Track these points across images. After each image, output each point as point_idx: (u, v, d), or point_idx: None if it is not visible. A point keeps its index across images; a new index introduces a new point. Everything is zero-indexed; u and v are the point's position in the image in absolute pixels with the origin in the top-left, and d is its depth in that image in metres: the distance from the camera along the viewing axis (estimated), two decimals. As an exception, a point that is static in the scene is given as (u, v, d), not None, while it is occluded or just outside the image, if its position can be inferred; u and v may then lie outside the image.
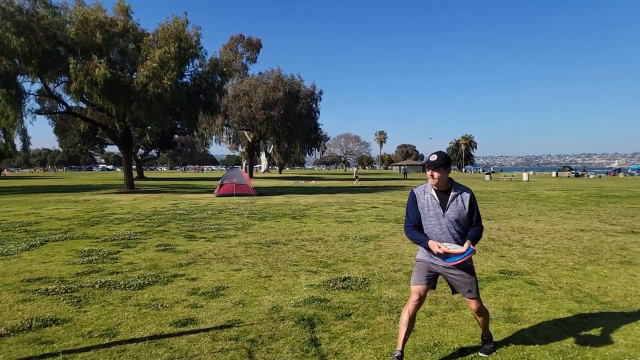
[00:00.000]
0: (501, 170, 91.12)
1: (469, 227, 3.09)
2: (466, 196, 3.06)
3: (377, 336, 3.57)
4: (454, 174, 74.50)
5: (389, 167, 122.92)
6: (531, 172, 63.50)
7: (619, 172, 62.61)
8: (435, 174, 2.98)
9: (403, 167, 64.64)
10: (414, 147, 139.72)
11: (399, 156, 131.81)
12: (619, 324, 3.83)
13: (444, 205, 3.01)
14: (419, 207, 3.09)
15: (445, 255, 2.96)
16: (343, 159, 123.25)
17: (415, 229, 3.10)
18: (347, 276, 5.39)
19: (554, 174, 59.20)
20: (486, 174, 48.63)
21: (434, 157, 2.98)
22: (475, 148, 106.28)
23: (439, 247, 2.89)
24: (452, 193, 3.04)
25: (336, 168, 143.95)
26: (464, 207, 3.03)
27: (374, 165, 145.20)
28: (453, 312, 4.14)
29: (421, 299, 3.09)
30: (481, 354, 3.24)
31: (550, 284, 5.12)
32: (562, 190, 24.00)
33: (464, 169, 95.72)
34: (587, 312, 4.16)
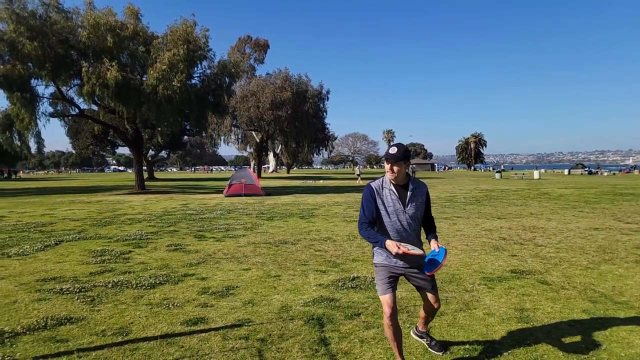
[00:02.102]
0: (512, 169, 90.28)
1: (425, 223, 3.04)
2: (423, 191, 2.98)
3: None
4: (464, 172, 73.94)
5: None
6: (542, 170, 62.79)
7: (634, 169, 61.52)
8: (395, 168, 2.80)
9: (411, 166, 64.42)
10: (422, 145, 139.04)
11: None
12: (634, 324, 3.77)
13: (403, 201, 2.86)
14: (378, 203, 2.87)
15: (403, 256, 2.77)
16: (351, 159, 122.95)
17: (370, 227, 2.84)
18: (356, 276, 5.38)
19: (566, 171, 58.41)
20: (496, 172, 48.19)
21: (394, 150, 2.79)
22: (485, 146, 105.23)
23: (398, 247, 2.64)
24: (410, 187, 2.89)
25: (344, 167, 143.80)
26: (422, 202, 2.95)
27: (381, 164, 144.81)
28: (464, 312, 4.11)
29: (395, 308, 2.89)
30: (435, 352, 3.21)
31: (564, 283, 5.06)
32: (574, 188, 23.69)
33: (473, 167, 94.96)
34: (602, 312, 4.10)
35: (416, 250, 2.76)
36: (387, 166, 2.83)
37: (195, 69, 22.29)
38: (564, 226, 9.57)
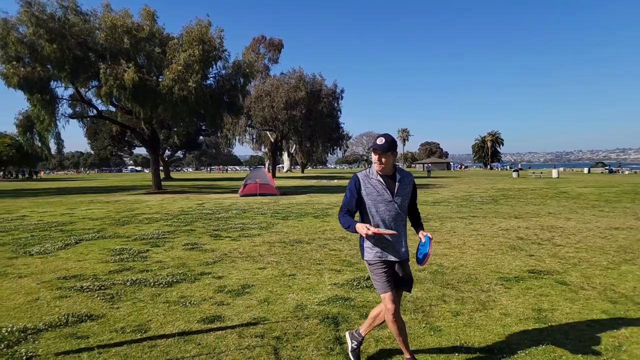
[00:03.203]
0: (529, 167, 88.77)
1: (410, 213, 3.06)
2: (410, 180, 2.97)
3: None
4: (480, 171, 73.06)
5: (412, 165, 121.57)
6: (561, 169, 61.65)
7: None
8: (384, 159, 2.78)
9: (427, 165, 63.95)
10: (438, 144, 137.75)
11: (422, 154, 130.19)
12: (655, 325, 3.69)
13: (392, 191, 2.85)
14: (365, 193, 2.84)
15: (384, 244, 2.85)
16: (365, 158, 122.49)
17: (347, 214, 2.82)
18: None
19: (585, 170, 57.25)
20: (513, 171, 47.48)
21: (382, 141, 2.76)
22: (502, 145, 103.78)
23: (368, 229, 2.57)
24: (397, 177, 2.89)
25: (358, 167, 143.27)
26: (409, 192, 2.96)
27: (396, 163, 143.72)
28: (480, 312, 4.07)
29: (399, 304, 2.87)
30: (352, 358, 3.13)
31: (583, 284, 4.97)
32: (594, 187, 23.20)
33: (489, 166, 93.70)
34: (622, 313, 4.02)
35: (387, 230, 2.73)
36: (374, 157, 2.81)
37: (210, 69, 22.50)
38: (583, 226, 9.39)
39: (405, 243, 2.95)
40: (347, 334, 3.31)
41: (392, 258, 2.88)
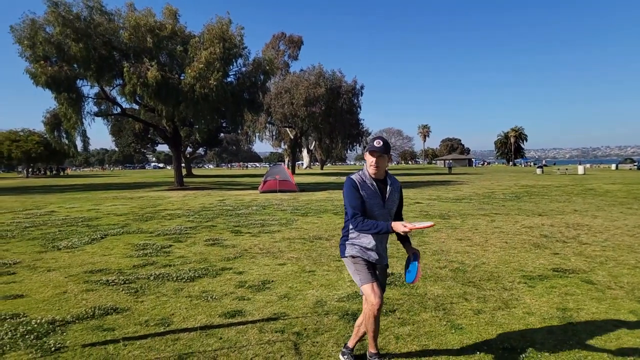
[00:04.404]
0: (554, 163, 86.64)
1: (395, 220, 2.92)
2: (398, 187, 2.90)
3: (422, 333, 3.53)
4: (503, 168, 71.68)
5: (433, 162, 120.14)
6: (587, 165, 59.91)
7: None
8: (380, 161, 2.71)
9: (448, 161, 63.12)
10: (460, 140, 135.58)
11: (443, 150, 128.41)
12: (687, 327, 3.56)
13: (384, 196, 2.79)
14: (364, 196, 2.75)
15: (383, 259, 2.87)
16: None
17: (363, 217, 2.69)
18: (390, 272, 5.34)
19: (613, 166, 55.46)
20: (537, 167, 46.39)
21: (380, 143, 2.68)
22: (526, 140, 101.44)
23: (405, 226, 2.50)
24: (388, 182, 2.82)
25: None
26: (398, 198, 2.89)
27: (417, 160, 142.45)
28: (502, 311, 4.01)
29: (382, 298, 2.77)
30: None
31: (610, 283, 4.83)
32: (622, 183, 22.47)
33: (512, 163, 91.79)
34: (651, 313, 3.89)
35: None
36: (370, 159, 2.72)
37: (231, 66, 22.72)
38: (610, 223, 9.12)
39: (386, 249, 2.93)
40: (340, 355, 3.14)
41: (373, 259, 2.83)
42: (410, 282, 2.91)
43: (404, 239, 2.93)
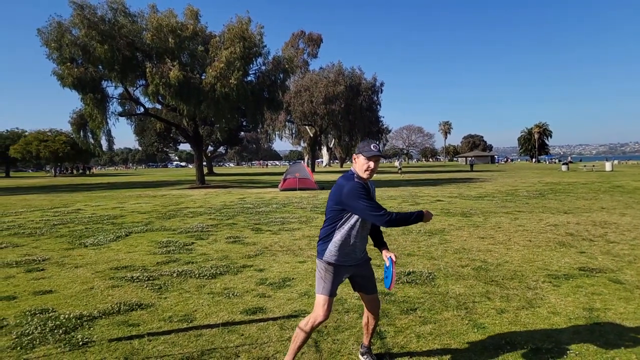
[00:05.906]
0: (580, 160, 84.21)
1: (372, 226, 2.88)
2: (374, 189, 2.84)
3: (444, 332, 3.49)
4: (526, 165, 70.11)
5: (455, 159, 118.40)
6: (615, 162, 58.05)
7: None
8: (377, 165, 2.62)
9: (469, 158, 62.13)
10: (482, 137, 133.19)
11: (465, 147, 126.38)
12: None
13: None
14: None
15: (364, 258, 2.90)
16: (405, 151, 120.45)
17: (389, 211, 2.54)
18: (411, 270, 5.31)
19: (643, 163, 53.61)
20: (563, 164, 45.20)
21: (377, 147, 2.63)
22: (550, 137, 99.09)
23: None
24: (371, 186, 2.77)
25: (398, 160, 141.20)
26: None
27: (438, 157, 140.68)
28: (526, 310, 3.93)
29: (329, 315, 2.73)
30: None
31: (639, 282, 4.68)
32: (653, 180, 21.70)
33: (536, 159, 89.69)
34: (684, 315, 3.76)
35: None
36: (370, 164, 2.60)
37: (251, 65, 22.89)
38: (639, 222, 8.83)
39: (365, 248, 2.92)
40: (359, 355, 3.13)
41: (349, 263, 2.79)
42: (387, 288, 2.87)
43: (380, 243, 2.97)
